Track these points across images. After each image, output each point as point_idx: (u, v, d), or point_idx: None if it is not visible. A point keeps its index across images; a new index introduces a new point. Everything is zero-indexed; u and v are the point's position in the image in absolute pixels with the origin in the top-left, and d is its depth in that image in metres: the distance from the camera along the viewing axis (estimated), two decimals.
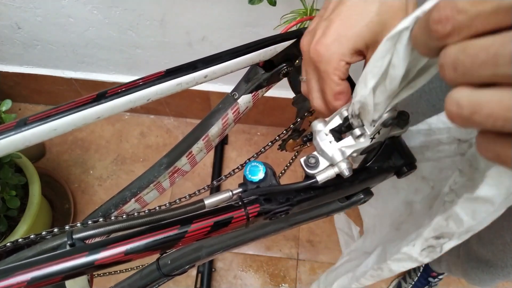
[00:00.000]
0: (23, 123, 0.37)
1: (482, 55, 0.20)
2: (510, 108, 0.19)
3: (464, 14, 0.20)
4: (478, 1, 0.20)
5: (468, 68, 0.20)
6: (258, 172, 0.42)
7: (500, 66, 0.19)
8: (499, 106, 0.19)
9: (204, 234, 0.39)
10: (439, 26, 0.21)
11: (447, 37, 0.21)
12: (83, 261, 0.35)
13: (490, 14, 0.19)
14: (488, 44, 0.19)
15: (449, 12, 0.21)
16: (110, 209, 0.54)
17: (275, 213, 0.42)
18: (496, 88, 0.20)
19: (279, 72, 0.52)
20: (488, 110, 0.20)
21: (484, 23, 0.20)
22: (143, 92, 0.42)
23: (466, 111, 0.21)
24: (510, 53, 0.18)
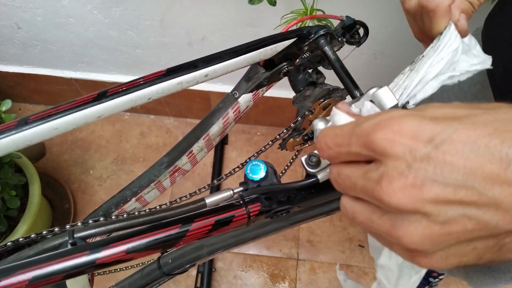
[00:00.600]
0: (24, 122, 0.37)
1: (347, 181, 0.28)
2: (370, 218, 0.27)
3: (331, 150, 0.29)
4: (338, 144, 0.28)
5: (342, 187, 0.29)
6: (259, 171, 0.42)
7: (358, 192, 0.27)
8: (364, 216, 0.28)
9: (205, 233, 0.39)
10: (320, 152, 0.30)
11: (328, 159, 0.30)
12: (85, 260, 0.35)
13: (346, 154, 0.28)
14: (350, 174, 0.28)
15: (323, 146, 0.29)
16: (110, 208, 0.54)
17: (276, 212, 0.42)
18: (362, 202, 0.28)
19: (279, 71, 0.52)
20: (360, 218, 0.28)
21: (345, 157, 0.28)
22: (144, 91, 0.42)
23: (349, 215, 0.29)
24: (360, 186, 0.26)
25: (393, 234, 0.25)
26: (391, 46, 1.18)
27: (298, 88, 0.55)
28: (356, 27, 0.53)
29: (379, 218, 0.26)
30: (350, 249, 1.48)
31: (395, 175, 0.24)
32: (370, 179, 0.25)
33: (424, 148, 0.23)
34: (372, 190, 0.25)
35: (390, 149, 0.24)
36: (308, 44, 0.50)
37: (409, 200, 0.23)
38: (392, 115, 0.26)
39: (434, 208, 0.23)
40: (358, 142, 0.26)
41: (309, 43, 0.50)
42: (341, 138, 0.28)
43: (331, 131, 0.29)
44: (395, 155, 0.24)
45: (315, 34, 0.49)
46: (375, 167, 0.26)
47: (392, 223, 0.25)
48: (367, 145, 0.26)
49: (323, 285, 1.44)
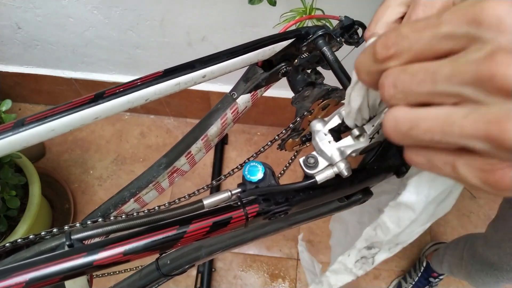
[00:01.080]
0: (21, 123, 0.37)
1: (421, 73, 0.21)
2: (446, 123, 0.20)
3: (407, 39, 0.22)
4: (419, 28, 0.22)
5: (407, 85, 0.22)
6: (257, 172, 0.42)
7: (438, 83, 0.21)
8: (437, 121, 0.21)
9: (203, 234, 0.39)
10: (383, 50, 0.23)
11: (390, 59, 0.23)
12: (82, 261, 0.35)
13: (428, 39, 0.21)
14: (427, 65, 0.21)
15: (394, 38, 0.23)
16: (109, 209, 0.54)
17: (274, 213, 0.42)
18: (433, 106, 0.21)
19: (278, 71, 0.52)
20: (426, 125, 0.21)
21: (424, 47, 0.22)
22: (141, 92, 0.41)
23: (404, 126, 0.22)
24: (447, 72, 0.20)
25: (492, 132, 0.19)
26: None
27: (297, 88, 0.55)
28: (355, 27, 0.52)
29: (464, 117, 0.20)
30: None
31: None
32: (469, 60, 0.19)
33: None
34: (475, 70, 0.19)
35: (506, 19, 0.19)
36: (306, 45, 0.50)
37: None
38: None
39: None
40: (455, 16, 0.20)
41: (308, 43, 0.50)
42: (426, 21, 0.21)
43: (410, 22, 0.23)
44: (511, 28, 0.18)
45: (313, 34, 0.49)
46: (477, 48, 0.19)
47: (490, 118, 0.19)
48: (472, 17, 0.19)
49: None
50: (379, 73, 0.24)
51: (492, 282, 0.95)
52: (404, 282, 1.43)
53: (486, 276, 0.95)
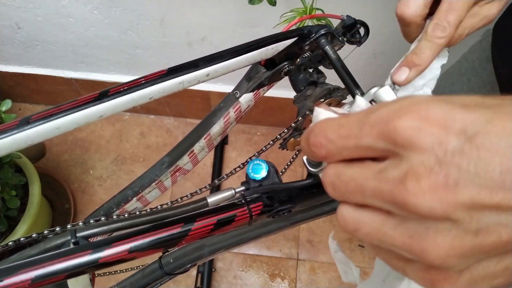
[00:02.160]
0: (26, 121, 0.37)
1: (351, 184, 0.23)
2: (380, 231, 0.23)
3: (333, 144, 0.24)
4: (343, 136, 0.23)
5: (343, 192, 0.24)
6: (260, 170, 0.42)
7: (366, 196, 0.23)
8: (373, 228, 0.23)
9: (207, 232, 0.39)
10: (316, 150, 0.25)
11: (323, 159, 0.25)
12: (87, 259, 0.35)
13: (353, 148, 0.23)
14: (356, 176, 0.23)
15: (322, 140, 0.24)
16: (112, 208, 0.54)
17: (278, 211, 0.42)
18: (369, 210, 0.23)
19: (280, 70, 0.52)
20: (365, 231, 0.23)
21: (350, 153, 0.23)
22: (145, 90, 0.42)
23: (350, 227, 0.24)
24: (371, 188, 0.22)
25: (414, 247, 0.21)
26: (391, 46, 1.18)
27: (299, 87, 0.55)
28: (357, 26, 0.53)
29: (393, 229, 0.22)
30: (350, 249, 1.48)
31: (423, 172, 0.20)
32: (388, 179, 0.21)
33: (456, 140, 0.20)
34: (391, 192, 0.21)
35: (416, 138, 0.20)
36: (309, 44, 0.50)
37: (441, 203, 0.19)
38: (417, 100, 0.21)
39: (466, 214, 0.19)
40: (372, 132, 0.22)
41: (310, 42, 0.50)
42: (348, 128, 0.23)
43: (334, 121, 0.24)
44: (422, 147, 0.20)
45: (316, 33, 0.49)
46: (394, 163, 0.21)
47: (412, 234, 0.21)
48: (386, 134, 0.21)
49: (323, 285, 1.44)
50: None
51: None
52: None
53: None
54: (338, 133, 0.24)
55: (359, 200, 0.23)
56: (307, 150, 0.26)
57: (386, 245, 0.23)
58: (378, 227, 0.23)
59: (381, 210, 0.23)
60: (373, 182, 0.22)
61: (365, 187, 0.22)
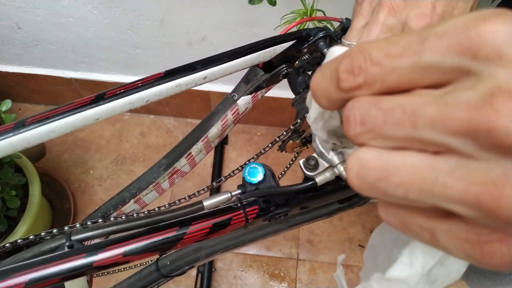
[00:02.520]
0: (22, 124, 0.37)
1: (398, 112, 0.17)
2: (425, 178, 0.17)
3: (379, 66, 0.18)
4: (394, 54, 0.17)
5: (379, 124, 0.17)
6: (257, 173, 0.42)
7: (419, 128, 0.16)
8: (413, 174, 0.17)
9: (203, 236, 0.39)
10: (349, 76, 0.18)
11: (357, 89, 0.18)
12: (81, 262, 0.35)
13: (407, 70, 0.17)
14: (406, 102, 0.17)
15: (362, 62, 0.18)
16: (109, 210, 0.54)
17: (274, 214, 0.42)
18: (409, 152, 0.17)
19: (278, 73, 0.52)
20: (398, 178, 0.17)
21: (400, 79, 0.17)
22: (142, 93, 0.42)
23: (372, 175, 0.18)
24: (431, 115, 0.16)
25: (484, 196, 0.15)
26: None
27: (297, 90, 0.55)
28: None
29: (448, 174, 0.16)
30: (350, 249, 1.48)
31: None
32: (461, 101, 0.15)
33: None
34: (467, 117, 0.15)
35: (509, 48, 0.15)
36: (307, 46, 0.50)
37: None
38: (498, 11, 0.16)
39: None
40: (441, 43, 0.16)
41: (309, 45, 0.50)
42: (404, 44, 0.17)
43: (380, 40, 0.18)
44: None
45: (314, 36, 0.49)
46: (468, 84, 0.16)
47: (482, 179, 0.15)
48: (464, 44, 0.16)
49: (323, 285, 1.44)
50: (343, 101, 0.19)
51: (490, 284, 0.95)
52: None
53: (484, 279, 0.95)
54: (387, 51, 0.17)
55: (403, 134, 0.17)
56: (330, 85, 0.19)
57: (430, 198, 0.16)
58: (423, 171, 0.17)
59: (427, 152, 0.17)
60: (435, 107, 0.16)
61: (421, 115, 0.16)
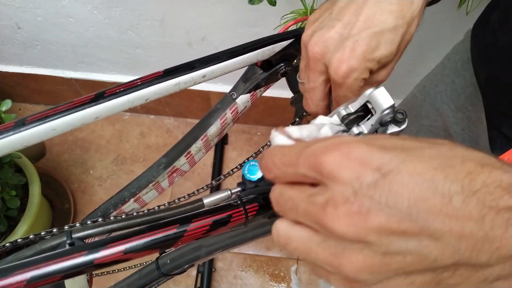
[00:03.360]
0: (22, 123, 0.38)
1: (289, 203, 0.27)
2: (306, 247, 0.26)
3: (278, 169, 0.28)
4: (285, 163, 0.27)
5: (282, 208, 0.28)
6: (256, 171, 0.42)
7: (299, 215, 0.26)
8: (300, 244, 0.27)
9: (203, 233, 0.39)
10: (265, 171, 0.29)
11: (273, 180, 0.29)
12: (82, 260, 0.35)
13: (293, 174, 0.27)
14: (293, 196, 0.27)
15: (270, 164, 0.28)
16: (109, 209, 0.54)
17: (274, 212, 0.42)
18: (300, 227, 0.27)
19: (277, 72, 0.52)
20: (293, 245, 0.27)
21: (292, 177, 0.27)
22: (142, 92, 0.42)
23: (282, 241, 0.28)
24: (303, 209, 0.26)
25: (333, 262, 0.25)
26: None
27: (295, 88, 0.55)
28: None
29: (317, 245, 0.26)
30: None
31: (340, 200, 0.24)
32: (315, 203, 0.25)
33: (371, 176, 0.23)
34: (315, 214, 0.25)
35: (337, 172, 0.24)
36: None
37: (353, 228, 0.23)
38: (343, 140, 0.26)
39: (377, 238, 0.23)
40: (306, 163, 0.26)
41: None
42: (289, 157, 0.27)
43: (280, 150, 0.29)
44: (342, 180, 0.24)
45: None
46: (320, 191, 0.25)
47: (332, 251, 0.25)
48: (315, 166, 0.25)
49: None
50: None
51: None
52: None
53: None
54: (281, 161, 0.28)
55: (294, 217, 0.27)
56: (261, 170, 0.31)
57: (310, 259, 0.26)
58: (305, 242, 0.26)
59: (310, 228, 0.26)
60: (304, 204, 0.26)
61: (298, 207, 0.26)
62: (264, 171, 0.30)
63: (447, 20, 1.10)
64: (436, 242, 0.23)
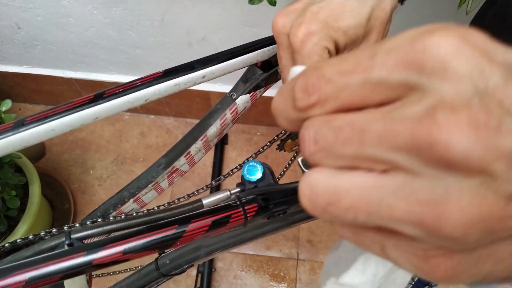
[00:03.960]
0: (21, 123, 0.38)
1: (347, 130, 0.17)
2: (371, 200, 0.16)
3: (331, 84, 0.18)
4: (346, 71, 0.17)
5: (329, 143, 0.17)
6: (256, 172, 0.42)
7: (366, 145, 0.16)
8: (360, 197, 0.17)
9: (202, 234, 0.39)
10: (304, 95, 0.18)
11: (311, 108, 0.18)
12: (81, 260, 0.35)
13: (358, 87, 0.17)
14: (355, 119, 0.17)
15: (315, 80, 0.18)
16: (108, 209, 0.54)
17: (273, 212, 0.42)
18: (358, 173, 0.17)
19: (277, 72, 0.52)
20: (347, 202, 0.17)
21: (352, 96, 0.17)
22: (141, 92, 0.42)
23: (322, 200, 0.18)
24: (377, 131, 0.16)
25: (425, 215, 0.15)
26: None
27: None
28: None
29: (393, 194, 0.16)
30: None
31: (459, 103, 0.14)
32: (405, 115, 0.15)
33: (499, 74, 0.15)
34: (410, 131, 0.15)
35: (452, 62, 0.15)
36: None
37: (480, 145, 0.14)
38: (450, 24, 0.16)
39: (506, 169, 0.14)
40: (389, 58, 0.16)
41: None
42: (354, 61, 0.17)
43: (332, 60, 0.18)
44: (459, 74, 0.15)
45: None
46: (413, 99, 0.16)
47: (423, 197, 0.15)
48: (410, 58, 0.16)
49: None
50: (301, 121, 0.19)
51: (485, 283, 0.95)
52: None
53: None
54: (339, 68, 0.18)
55: (352, 152, 0.17)
56: (287, 105, 0.20)
57: (377, 219, 0.17)
58: (370, 193, 0.17)
59: (374, 171, 0.17)
60: (381, 123, 0.16)
61: (368, 131, 0.16)
62: (298, 97, 0.19)
63: (447, 20, 1.10)
64: None
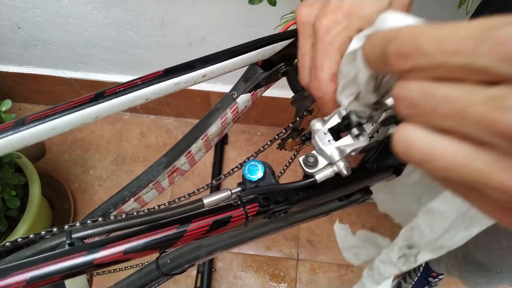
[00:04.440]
0: (21, 122, 0.38)
1: (445, 106, 0.18)
2: (470, 166, 0.17)
3: (429, 58, 0.18)
4: (448, 51, 0.18)
5: (427, 112, 0.18)
6: (257, 171, 0.42)
7: (465, 123, 0.17)
8: (457, 160, 0.18)
9: (203, 233, 0.39)
10: (398, 61, 0.19)
11: (406, 73, 0.19)
12: (82, 260, 0.35)
13: (457, 68, 0.18)
14: (454, 97, 0.18)
15: (412, 51, 0.19)
16: (109, 208, 0.54)
17: (274, 212, 0.42)
18: (454, 139, 0.18)
19: (277, 71, 0.52)
20: (443, 163, 0.18)
21: (448, 73, 0.18)
22: (142, 91, 0.42)
23: (418, 157, 0.19)
24: (479, 114, 0.17)
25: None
26: None
27: (296, 88, 0.55)
28: None
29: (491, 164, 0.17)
30: None
31: None
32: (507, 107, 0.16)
33: None
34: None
35: None
36: None
37: None
38: None
39: None
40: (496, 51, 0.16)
41: None
42: (459, 42, 0.17)
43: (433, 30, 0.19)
44: None
45: None
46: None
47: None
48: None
49: (323, 285, 1.44)
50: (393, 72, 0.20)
51: (484, 283, 0.95)
52: (404, 282, 1.44)
53: (477, 277, 0.95)
54: (441, 46, 0.18)
55: (450, 126, 0.18)
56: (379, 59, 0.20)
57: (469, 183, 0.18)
58: (466, 161, 0.17)
59: (471, 140, 0.17)
60: (483, 109, 0.16)
61: (468, 114, 0.17)
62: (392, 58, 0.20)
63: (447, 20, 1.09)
64: None
